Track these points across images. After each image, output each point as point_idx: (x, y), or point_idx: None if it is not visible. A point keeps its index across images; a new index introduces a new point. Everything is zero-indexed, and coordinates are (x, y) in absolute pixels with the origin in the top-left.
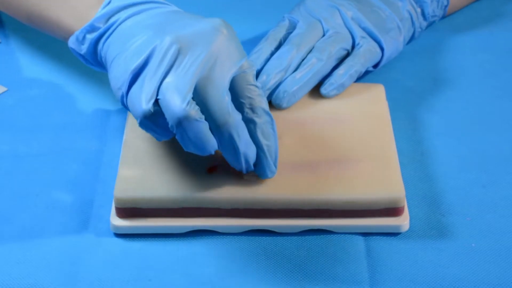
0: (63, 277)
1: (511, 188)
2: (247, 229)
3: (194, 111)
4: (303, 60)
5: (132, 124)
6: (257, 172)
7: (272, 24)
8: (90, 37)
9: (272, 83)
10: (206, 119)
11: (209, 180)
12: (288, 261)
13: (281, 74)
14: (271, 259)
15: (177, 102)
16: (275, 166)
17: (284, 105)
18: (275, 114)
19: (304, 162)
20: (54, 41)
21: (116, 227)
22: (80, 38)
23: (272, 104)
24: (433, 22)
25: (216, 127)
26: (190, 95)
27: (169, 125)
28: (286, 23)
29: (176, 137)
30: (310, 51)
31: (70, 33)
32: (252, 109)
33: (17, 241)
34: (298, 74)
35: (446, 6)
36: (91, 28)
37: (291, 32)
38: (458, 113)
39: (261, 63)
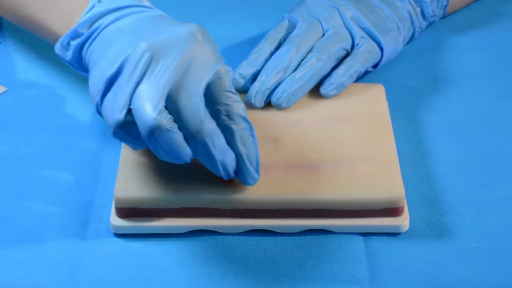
0: (63, 277)
1: (511, 188)
2: (247, 229)
3: (166, 120)
4: (302, 60)
5: None
6: (239, 179)
7: (272, 24)
8: (74, 43)
9: (271, 83)
10: (179, 128)
11: (209, 180)
12: (288, 261)
13: (281, 74)
14: (271, 259)
15: (148, 111)
16: (257, 173)
17: (284, 105)
18: (275, 114)
19: (304, 162)
20: None
21: (116, 227)
22: (65, 44)
23: (272, 104)
24: (433, 22)
25: (190, 135)
26: (162, 103)
27: (141, 135)
28: (286, 23)
29: (149, 146)
30: (310, 51)
31: (57, 38)
32: (229, 116)
33: (17, 241)
34: (297, 74)
35: (446, 6)
36: (75, 34)
37: (290, 32)
38: (458, 113)
39: (261, 63)
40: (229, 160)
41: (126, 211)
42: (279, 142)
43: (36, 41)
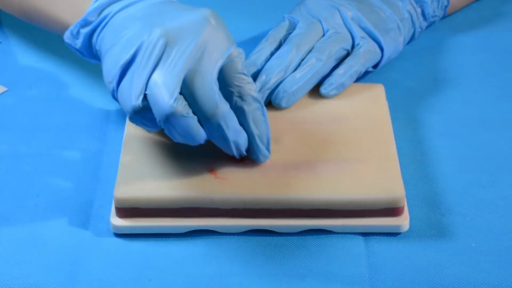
0: (63, 277)
1: (511, 188)
2: (247, 229)
3: (182, 107)
4: (303, 60)
5: (132, 124)
6: (250, 157)
7: (272, 24)
8: (84, 31)
9: (272, 82)
10: (194, 111)
11: (209, 180)
12: (288, 261)
13: (281, 73)
14: (271, 259)
15: (165, 98)
16: (268, 151)
17: (284, 104)
18: (275, 113)
19: (304, 162)
20: (54, 41)
21: (116, 227)
22: (75, 32)
23: (272, 104)
24: (433, 22)
25: (205, 118)
26: (178, 90)
27: (157, 120)
28: (286, 23)
29: (165, 131)
30: (310, 51)
31: (65, 28)
32: (241, 97)
33: (17, 241)
34: (297, 74)
35: (446, 7)
36: (85, 23)
37: (291, 32)
38: (458, 113)
39: (261, 63)
40: (242, 140)
41: (126, 211)
42: (279, 142)
43: (36, 40)
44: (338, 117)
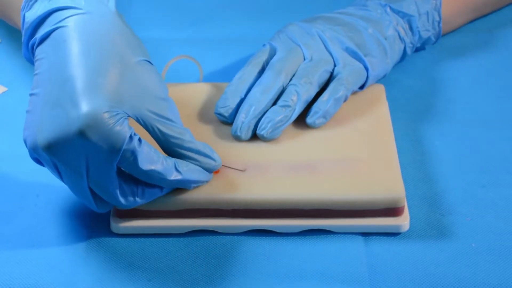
0: (63, 277)
1: (511, 188)
2: (247, 229)
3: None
4: (286, 85)
5: (131, 124)
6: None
7: (272, 24)
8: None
9: (255, 113)
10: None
11: (209, 181)
12: (288, 261)
13: (264, 103)
14: (271, 259)
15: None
16: (213, 159)
17: (269, 136)
18: None
19: (304, 162)
20: None
21: (116, 227)
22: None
23: (257, 135)
24: (429, 39)
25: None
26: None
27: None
28: (267, 49)
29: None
30: (293, 76)
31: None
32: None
33: (18, 241)
34: (281, 111)
35: (439, 22)
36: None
37: (272, 57)
38: (458, 113)
39: (244, 90)
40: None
41: (126, 212)
42: (279, 142)
43: None
44: (338, 117)
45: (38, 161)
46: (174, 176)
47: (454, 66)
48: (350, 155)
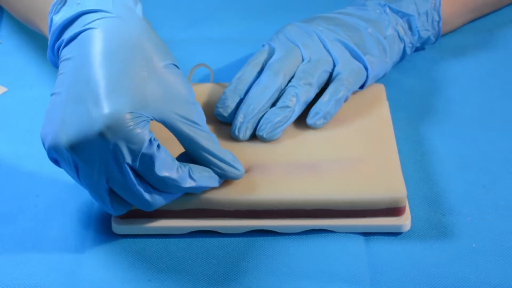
0: (63, 277)
1: (511, 188)
2: (248, 230)
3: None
4: (286, 85)
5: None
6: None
7: (272, 24)
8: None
9: (254, 113)
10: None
11: None
12: (289, 261)
13: (263, 103)
14: (272, 259)
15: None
16: (236, 168)
17: (268, 137)
18: None
19: (304, 162)
20: None
21: (117, 228)
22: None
23: (257, 136)
24: (428, 39)
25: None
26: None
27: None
28: (266, 49)
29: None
30: (292, 77)
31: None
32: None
33: (18, 242)
34: (280, 112)
35: (438, 22)
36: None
37: (271, 57)
38: (458, 113)
39: (244, 90)
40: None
41: (127, 212)
42: (280, 142)
43: (36, 41)
44: (339, 117)
45: (55, 161)
46: (188, 183)
47: (454, 66)
48: (351, 155)
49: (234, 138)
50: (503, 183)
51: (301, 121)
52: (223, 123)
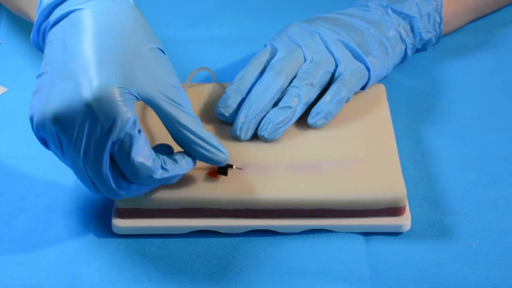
0: (64, 278)
1: (511, 188)
2: (248, 230)
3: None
4: (287, 86)
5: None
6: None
7: (271, 24)
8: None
9: (255, 114)
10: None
11: (210, 181)
12: (289, 261)
13: (264, 103)
14: (272, 258)
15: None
16: (221, 151)
17: (270, 137)
18: None
19: (304, 162)
20: None
21: (118, 228)
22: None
23: (258, 136)
24: (430, 40)
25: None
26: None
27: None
28: (268, 49)
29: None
30: (294, 77)
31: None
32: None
33: (18, 242)
34: (282, 112)
35: (440, 24)
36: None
37: (274, 57)
38: (458, 113)
39: (246, 89)
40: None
41: (127, 212)
42: (280, 142)
43: None
44: (339, 117)
45: (44, 141)
46: (160, 174)
47: (455, 66)
48: (351, 155)
49: (235, 138)
50: (503, 183)
51: (301, 121)
52: (224, 123)
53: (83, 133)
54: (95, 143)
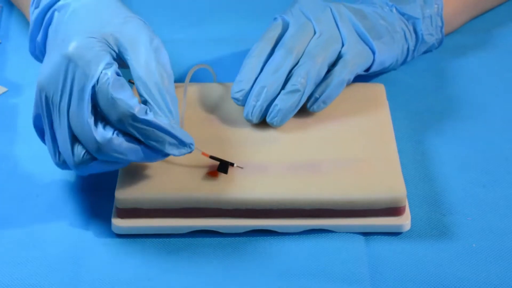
0: (64, 278)
1: (511, 188)
2: (248, 229)
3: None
4: (296, 64)
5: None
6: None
7: (270, 24)
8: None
9: (267, 96)
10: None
11: (210, 181)
12: (289, 261)
13: (276, 84)
14: (272, 258)
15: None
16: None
17: (279, 123)
18: None
19: (304, 162)
20: None
21: (117, 228)
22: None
23: (267, 122)
24: (433, 45)
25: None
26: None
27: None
28: (279, 23)
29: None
30: (303, 54)
31: None
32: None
33: (18, 242)
34: (290, 97)
35: (441, 27)
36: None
37: (285, 31)
38: (458, 113)
39: (257, 69)
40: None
41: (128, 212)
42: (280, 142)
43: None
44: (339, 117)
45: (40, 131)
46: (138, 111)
47: (455, 65)
48: (351, 154)
49: (247, 121)
50: (503, 182)
51: (302, 121)
52: (223, 123)
53: (66, 86)
54: (77, 93)
